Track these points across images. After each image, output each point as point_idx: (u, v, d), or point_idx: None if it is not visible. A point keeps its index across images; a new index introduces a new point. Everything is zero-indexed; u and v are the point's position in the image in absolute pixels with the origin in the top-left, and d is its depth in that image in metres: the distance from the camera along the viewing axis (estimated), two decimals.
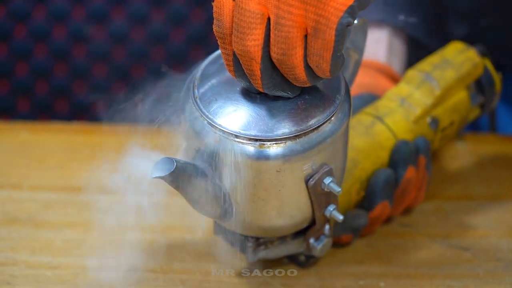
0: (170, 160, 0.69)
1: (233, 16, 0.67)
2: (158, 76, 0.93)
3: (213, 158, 0.70)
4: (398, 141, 0.84)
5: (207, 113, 0.70)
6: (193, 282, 0.83)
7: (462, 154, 0.99)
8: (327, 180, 0.72)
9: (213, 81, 0.73)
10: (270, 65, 0.68)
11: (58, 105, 1.44)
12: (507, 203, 0.92)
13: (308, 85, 0.69)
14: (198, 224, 0.88)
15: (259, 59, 0.67)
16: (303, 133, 0.69)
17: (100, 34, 1.42)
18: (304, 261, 0.83)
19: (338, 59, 0.66)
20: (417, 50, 0.97)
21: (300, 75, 0.67)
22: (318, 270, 0.84)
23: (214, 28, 0.69)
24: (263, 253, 0.78)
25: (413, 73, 0.89)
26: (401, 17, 0.96)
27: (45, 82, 1.43)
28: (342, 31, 0.64)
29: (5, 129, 1.06)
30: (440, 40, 0.96)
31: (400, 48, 0.97)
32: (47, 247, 0.87)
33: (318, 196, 0.73)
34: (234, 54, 0.68)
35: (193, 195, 0.71)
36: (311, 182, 0.71)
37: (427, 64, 0.90)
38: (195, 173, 0.70)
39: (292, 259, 0.84)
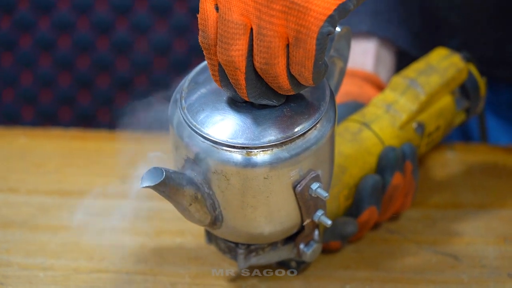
0: (159, 170, 0.70)
1: (217, 27, 0.69)
2: (159, 85, 0.95)
3: (201, 167, 0.72)
4: (385, 147, 0.86)
5: (194, 123, 0.72)
6: (182, 285, 0.84)
7: (451, 163, 1.01)
8: (314, 186, 0.73)
9: (200, 91, 0.74)
10: (254, 74, 0.69)
11: (61, 114, 1.47)
12: (494, 212, 0.94)
13: (292, 93, 0.70)
14: (189, 229, 0.90)
15: (243, 69, 0.68)
16: (289, 140, 0.71)
17: (104, 44, 1.44)
18: (295, 267, 0.85)
19: (320, 67, 0.67)
20: (405, 62, 0.98)
21: (283, 84, 0.69)
22: (305, 274, 0.85)
23: (200, 39, 0.70)
24: (254, 260, 0.80)
25: (398, 79, 0.90)
26: (390, 29, 0.98)
27: (49, 91, 1.46)
28: (323, 40, 0.65)
29: (4, 134, 1.08)
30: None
31: (388, 58, 0.99)
32: (41, 250, 0.89)
33: (306, 202, 0.74)
34: (219, 64, 0.70)
35: (183, 203, 0.72)
36: (299, 188, 0.73)
37: (412, 70, 0.91)
38: (184, 182, 0.71)
39: (283, 265, 0.85)
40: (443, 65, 0.91)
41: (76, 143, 1.05)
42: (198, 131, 0.71)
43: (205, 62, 0.76)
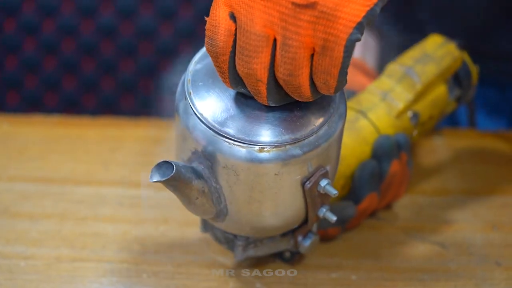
0: (170, 164, 0.68)
1: (229, 36, 0.65)
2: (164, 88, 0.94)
3: (210, 161, 0.70)
4: (379, 136, 0.84)
5: (205, 115, 0.69)
6: (165, 273, 0.83)
7: (439, 149, 1.00)
8: (323, 183, 0.72)
9: (208, 79, 0.71)
10: (275, 83, 0.67)
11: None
12: (482, 198, 0.92)
13: (310, 100, 0.68)
14: (173, 217, 0.89)
15: (265, 80, 0.66)
16: (302, 137, 0.69)
17: (108, 47, 1.43)
18: (289, 257, 0.83)
19: (344, 75, 0.65)
20: (388, 47, 0.97)
21: (305, 93, 0.67)
22: (291, 262, 0.84)
23: (206, 46, 0.67)
24: (252, 252, 0.79)
25: (394, 67, 0.89)
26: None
27: (54, 94, 1.45)
28: (351, 47, 0.63)
29: None
30: (413, 38, 0.95)
31: (373, 44, 0.97)
32: (22, 238, 0.87)
33: (314, 198, 0.73)
34: (229, 71, 0.67)
35: (190, 197, 0.70)
36: (308, 185, 0.71)
37: (408, 58, 0.89)
38: (193, 176, 0.69)
39: (278, 256, 0.84)
40: (439, 53, 0.89)
41: (59, 130, 1.03)
42: (208, 123, 0.69)
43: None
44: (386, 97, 0.86)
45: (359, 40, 0.63)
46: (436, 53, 0.89)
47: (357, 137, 0.83)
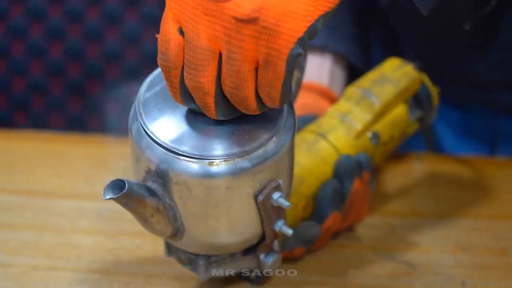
0: (122, 182, 0.70)
1: (179, 51, 0.68)
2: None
3: (163, 178, 0.72)
4: (340, 155, 0.86)
5: (155, 133, 0.71)
6: (136, 284, 0.85)
7: (416, 173, 1.01)
8: (276, 195, 0.73)
9: (158, 99, 0.74)
10: (222, 96, 0.69)
11: (53, 120, 1.49)
12: (454, 221, 0.94)
13: (257, 113, 0.70)
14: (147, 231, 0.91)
15: (212, 93, 0.68)
16: (251, 150, 0.71)
17: (95, 51, 1.46)
18: (255, 279, 0.85)
19: (288, 88, 0.67)
20: (355, 77, 0.99)
21: (251, 105, 0.69)
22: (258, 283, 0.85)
23: (159, 61, 0.69)
24: (215, 271, 0.80)
25: (352, 90, 0.91)
26: (343, 45, 0.99)
27: (41, 98, 1.48)
28: (292, 61, 0.66)
29: None
30: None
31: (340, 74, 1.00)
32: (1, 247, 0.90)
33: (268, 211, 0.74)
34: (180, 86, 0.69)
35: (145, 215, 0.72)
36: (260, 198, 0.73)
37: (366, 80, 0.92)
38: (146, 193, 0.71)
39: (245, 278, 0.85)
40: (396, 75, 0.92)
41: (48, 145, 1.07)
42: (159, 141, 0.71)
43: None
44: (345, 119, 0.89)
45: (301, 55, 0.65)
46: (393, 74, 0.91)
47: (316, 158, 0.85)
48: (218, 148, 0.70)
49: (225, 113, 0.70)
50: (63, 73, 1.47)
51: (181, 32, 0.68)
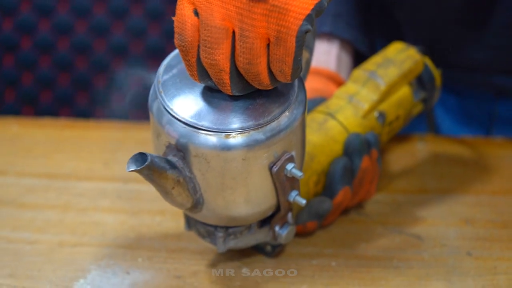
0: (144, 155, 0.74)
1: (195, 31, 0.72)
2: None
3: (183, 151, 0.76)
4: (350, 133, 0.91)
5: (174, 110, 0.76)
6: (158, 258, 0.89)
7: (420, 153, 1.06)
8: (289, 166, 0.78)
9: (177, 77, 0.79)
10: (237, 72, 0.74)
11: (61, 113, 1.53)
12: (457, 197, 0.99)
13: (270, 88, 0.75)
14: (169, 209, 0.95)
15: (228, 69, 0.73)
16: (265, 123, 0.75)
17: (101, 46, 1.50)
18: (270, 251, 0.89)
19: (298, 63, 0.72)
20: (360, 62, 1.04)
21: (264, 81, 0.74)
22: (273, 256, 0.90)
23: (176, 42, 0.74)
24: (232, 243, 0.84)
25: (358, 72, 0.96)
26: (350, 32, 1.04)
27: (49, 91, 1.52)
28: (302, 37, 0.70)
29: None
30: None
31: (347, 59, 1.05)
32: (28, 225, 0.94)
33: (282, 182, 0.79)
34: (197, 64, 0.74)
35: (166, 187, 0.76)
36: (275, 169, 0.77)
37: (371, 63, 0.97)
38: (167, 166, 0.75)
39: (259, 250, 0.90)
40: (400, 57, 0.96)
41: (65, 132, 1.11)
42: (179, 117, 0.75)
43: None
44: (352, 100, 0.93)
45: (309, 31, 0.70)
46: (397, 57, 0.96)
47: (326, 136, 0.90)
48: (234, 122, 0.75)
49: (240, 89, 0.75)
50: (71, 67, 1.51)
51: (196, 13, 0.72)
